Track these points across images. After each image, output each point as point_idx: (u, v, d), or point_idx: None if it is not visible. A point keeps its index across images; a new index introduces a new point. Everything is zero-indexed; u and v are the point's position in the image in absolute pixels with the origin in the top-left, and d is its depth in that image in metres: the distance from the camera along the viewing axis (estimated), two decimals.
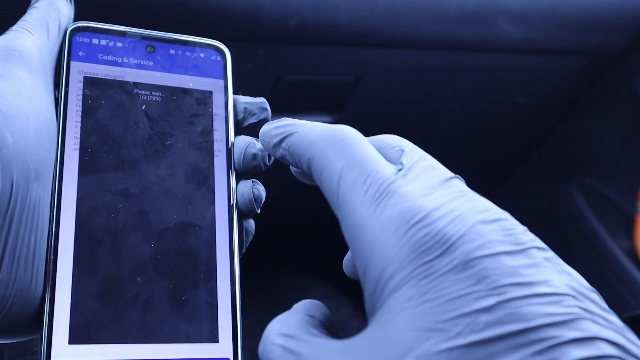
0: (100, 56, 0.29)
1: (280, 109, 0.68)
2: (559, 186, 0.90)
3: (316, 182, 0.22)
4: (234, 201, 0.29)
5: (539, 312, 0.16)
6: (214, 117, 0.30)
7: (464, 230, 0.18)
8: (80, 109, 0.28)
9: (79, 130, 0.28)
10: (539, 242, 0.19)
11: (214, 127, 0.30)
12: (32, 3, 0.29)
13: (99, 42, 0.30)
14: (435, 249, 0.18)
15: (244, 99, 0.31)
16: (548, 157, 0.91)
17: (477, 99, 0.77)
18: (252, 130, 0.31)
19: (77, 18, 0.30)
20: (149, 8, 0.51)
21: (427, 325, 0.17)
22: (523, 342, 0.16)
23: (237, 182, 0.30)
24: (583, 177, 0.86)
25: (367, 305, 0.19)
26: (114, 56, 0.30)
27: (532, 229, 0.21)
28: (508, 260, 0.17)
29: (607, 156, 0.84)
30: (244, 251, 0.30)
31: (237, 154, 0.30)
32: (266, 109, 0.31)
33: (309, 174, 0.23)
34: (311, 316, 0.21)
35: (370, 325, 0.18)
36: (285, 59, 0.61)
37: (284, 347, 0.19)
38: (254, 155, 0.30)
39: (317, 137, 0.22)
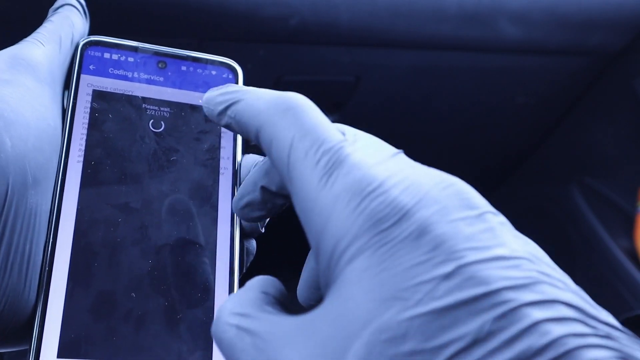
0: (111, 70, 0.29)
1: None
2: (559, 186, 0.90)
3: (265, 152, 0.22)
4: (238, 221, 0.29)
5: (498, 275, 0.16)
6: (222, 134, 0.30)
7: (418, 197, 0.18)
8: (87, 121, 0.28)
9: (84, 143, 0.28)
10: (492, 208, 0.19)
11: (221, 144, 0.30)
12: (48, 17, 0.29)
13: (111, 56, 0.30)
14: (390, 216, 0.17)
15: None
16: (548, 157, 0.91)
17: (477, 98, 0.77)
18: (259, 148, 0.31)
19: (91, 31, 0.30)
20: (149, 8, 0.51)
21: (386, 295, 0.16)
22: (484, 306, 0.16)
23: None
24: (583, 177, 0.86)
25: (322, 280, 0.19)
26: (125, 71, 0.30)
27: (532, 229, 0.21)
28: (464, 226, 0.17)
29: (607, 156, 0.84)
30: (244, 271, 0.29)
31: (244, 173, 0.29)
32: None
33: (257, 144, 0.22)
34: (265, 293, 0.20)
35: (326, 298, 0.18)
36: (285, 59, 0.61)
37: (238, 327, 0.19)
38: None
39: (265, 105, 0.21)
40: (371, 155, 0.20)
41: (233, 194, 0.29)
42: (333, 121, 0.24)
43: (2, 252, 0.23)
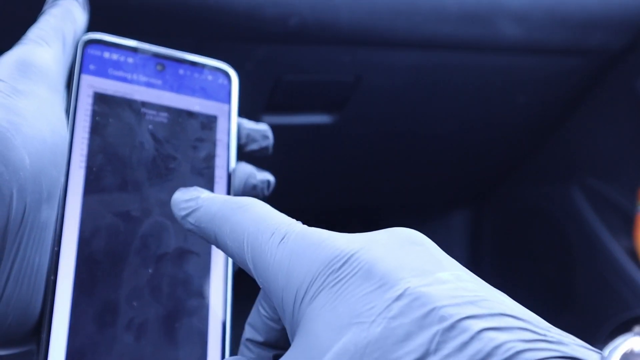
0: (111, 71, 0.29)
1: (280, 109, 0.68)
2: (559, 186, 0.89)
3: (222, 249, 0.24)
4: None
5: (445, 295, 0.18)
6: (217, 142, 0.30)
7: (364, 242, 0.20)
8: (88, 125, 0.28)
9: (85, 148, 0.27)
10: (434, 244, 0.21)
11: (217, 153, 0.30)
12: (45, 8, 0.28)
13: (110, 56, 0.29)
14: (341, 258, 0.19)
15: (247, 125, 0.32)
16: (549, 157, 0.91)
17: (477, 98, 0.77)
18: (252, 157, 0.32)
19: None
20: (149, 8, 0.51)
21: (343, 322, 0.18)
22: (432, 320, 0.17)
23: None
24: (584, 177, 0.86)
25: (289, 329, 0.21)
26: (124, 72, 0.29)
27: (533, 229, 0.22)
28: (409, 259, 0.19)
29: (608, 156, 0.84)
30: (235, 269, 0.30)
31: (237, 183, 0.30)
32: (267, 137, 0.32)
33: (217, 245, 0.24)
34: None
35: (293, 341, 0.20)
36: (285, 58, 0.61)
37: None
38: (254, 187, 0.30)
39: (219, 207, 0.24)
40: (316, 228, 0.22)
41: None
42: (334, 121, 0.25)
43: (15, 267, 0.23)
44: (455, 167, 0.90)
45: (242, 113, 0.33)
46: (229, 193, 0.30)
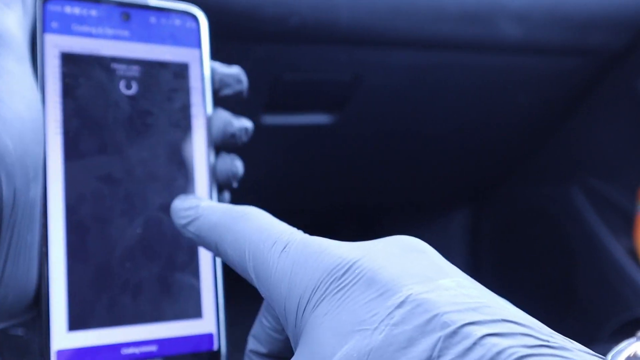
0: (75, 27, 0.28)
1: (279, 109, 0.68)
2: (559, 186, 0.89)
3: (223, 258, 0.24)
4: (213, 179, 0.30)
5: (446, 301, 0.18)
6: (192, 90, 0.30)
7: (366, 250, 0.20)
8: (59, 89, 0.27)
9: (59, 113, 0.26)
10: (437, 252, 0.21)
11: (192, 101, 0.30)
12: None
13: (72, 10, 0.28)
14: (343, 266, 0.20)
15: (220, 69, 0.31)
16: (549, 157, 0.91)
17: (477, 98, 0.77)
18: (227, 101, 0.31)
19: None
20: None
21: (347, 329, 0.18)
22: (434, 327, 0.17)
23: (216, 156, 0.30)
24: (584, 177, 0.86)
25: (292, 339, 0.21)
26: (89, 26, 0.28)
27: (533, 229, 0.22)
28: (411, 266, 0.19)
29: (608, 156, 0.84)
30: None
31: (216, 132, 0.30)
32: (241, 81, 0.31)
33: (217, 254, 0.24)
34: None
35: (296, 350, 0.20)
36: (284, 58, 0.61)
37: None
38: (233, 135, 0.30)
39: (220, 216, 0.24)
40: (317, 237, 0.22)
41: (207, 152, 0.30)
42: (334, 121, 0.25)
43: (12, 250, 0.23)
44: (455, 167, 0.90)
45: (241, 112, 0.33)
46: (209, 141, 0.30)
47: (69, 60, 0.27)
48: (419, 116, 0.77)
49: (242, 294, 0.38)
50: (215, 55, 0.32)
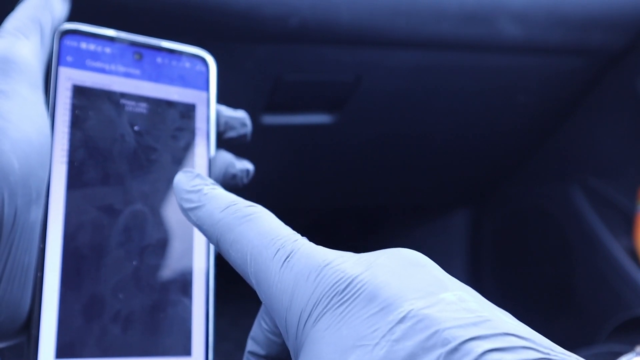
0: (88, 62, 0.29)
1: (280, 109, 0.68)
2: (559, 186, 0.89)
3: (224, 255, 0.24)
4: None
5: (447, 317, 0.18)
6: (197, 131, 0.31)
7: (367, 265, 0.20)
8: (68, 119, 0.28)
9: (66, 143, 0.27)
10: (436, 265, 0.21)
11: (196, 141, 0.30)
12: None
13: (87, 46, 0.29)
14: (344, 281, 0.20)
15: (226, 112, 0.32)
16: (549, 156, 0.91)
17: (477, 98, 0.77)
18: (230, 144, 0.32)
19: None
20: (148, 7, 0.51)
21: (348, 345, 0.18)
22: (436, 342, 0.17)
23: None
24: (584, 177, 0.86)
25: (292, 351, 0.21)
26: (102, 63, 0.29)
27: (533, 229, 0.22)
28: (412, 281, 0.19)
29: (608, 156, 0.84)
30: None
31: (217, 172, 0.30)
32: (246, 125, 0.32)
33: (218, 249, 0.24)
34: None
35: None
36: (285, 58, 0.61)
37: None
38: (234, 176, 0.31)
39: (223, 214, 0.24)
40: (321, 248, 0.22)
41: None
42: (334, 121, 0.25)
43: (7, 269, 0.23)
44: (455, 167, 0.90)
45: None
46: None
47: (80, 93, 0.28)
48: (419, 116, 0.77)
49: (242, 294, 0.38)
50: (215, 55, 0.33)
